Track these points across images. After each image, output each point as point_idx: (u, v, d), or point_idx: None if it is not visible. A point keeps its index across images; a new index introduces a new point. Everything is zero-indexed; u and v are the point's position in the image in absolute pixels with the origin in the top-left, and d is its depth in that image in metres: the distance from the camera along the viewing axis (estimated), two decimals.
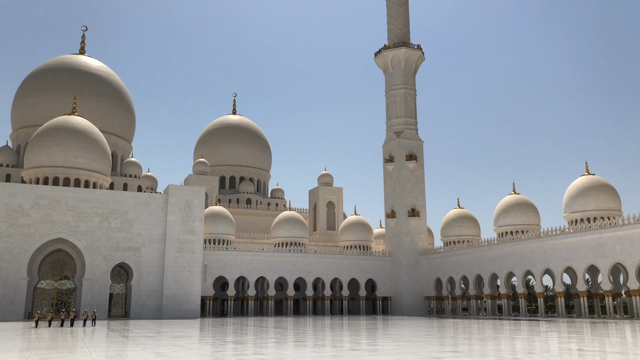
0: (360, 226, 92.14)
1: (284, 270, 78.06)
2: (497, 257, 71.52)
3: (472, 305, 77.99)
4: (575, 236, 62.37)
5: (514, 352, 15.41)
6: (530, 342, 19.97)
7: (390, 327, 35.28)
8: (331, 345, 17.51)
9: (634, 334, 26.62)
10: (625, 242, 57.34)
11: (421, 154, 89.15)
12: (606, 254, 59.27)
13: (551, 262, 64.70)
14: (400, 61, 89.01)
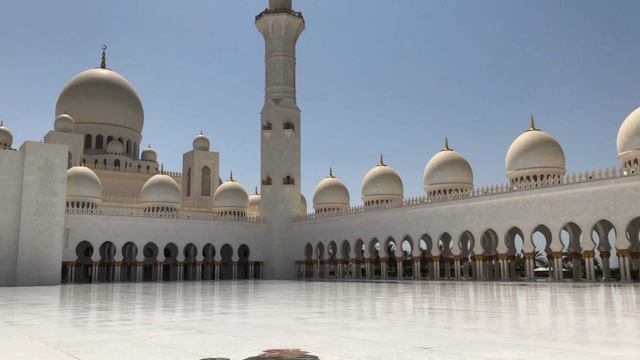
0: (236, 192, 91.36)
1: (154, 236, 75.28)
2: (363, 224, 74.99)
3: (338, 269, 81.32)
4: (433, 206, 67.11)
5: (374, 311, 16.37)
6: (389, 302, 21.38)
7: (260, 291, 35.83)
8: (201, 310, 17.36)
9: (475, 293, 29.61)
10: (474, 212, 62.92)
11: (298, 122, 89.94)
12: (457, 223, 64.64)
13: (411, 230, 69.26)
14: (281, 27, 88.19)
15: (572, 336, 9.98)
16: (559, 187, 55.45)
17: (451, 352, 7.44)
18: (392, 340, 8.81)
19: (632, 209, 50.09)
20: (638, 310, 17.31)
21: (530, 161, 63.14)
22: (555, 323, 12.87)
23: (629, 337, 9.81)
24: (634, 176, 50.25)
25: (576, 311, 16.59)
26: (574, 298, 24.05)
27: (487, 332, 10.45)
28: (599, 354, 7.43)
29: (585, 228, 53.36)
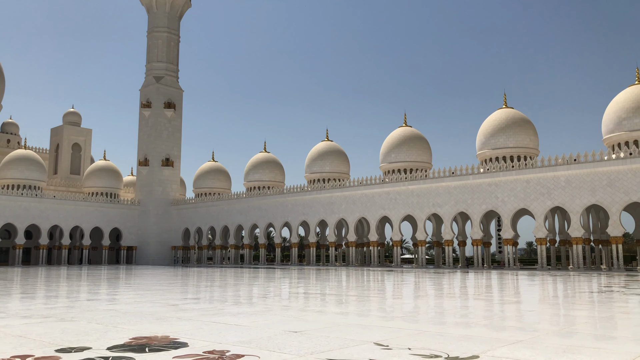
0: (109, 172, 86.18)
1: (13, 216, 68.79)
2: (244, 210, 74.52)
3: (217, 254, 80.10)
4: (312, 194, 68.40)
5: (250, 297, 16.31)
6: (265, 287, 21.45)
7: (132, 276, 34.18)
8: (65, 297, 16.12)
9: (347, 278, 30.74)
10: (349, 201, 65.10)
11: (180, 103, 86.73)
12: (334, 211, 66.51)
13: (290, 216, 70.06)
14: (166, 3, 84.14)
15: (431, 318, 10.66)
16: (426, 180, 59.16)
17: (319, 335, 7.58)
18: (265, 325, 8.80)
19: (486, 202, 54.86)
20: (487, 294, 19.00)
21: (402, 155, 66.74)
22: (417, 306, 13.69)
23: (478, 318, 10.69)
24: (489, 173, 55.00)
25: (435, 295, 17.80)
26: (434, 283, 25.84)
27: (355, 316, 10.83)
28: (452, 333, 8.00)
29: (447, 219, 57.56)
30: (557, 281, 28.14)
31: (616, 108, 53.03)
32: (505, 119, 59.99)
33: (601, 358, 6.09)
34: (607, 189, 47.61)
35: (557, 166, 50.51)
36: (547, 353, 6.34)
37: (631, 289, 20.91)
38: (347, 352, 6.29)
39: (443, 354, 6.12)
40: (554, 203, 50.72)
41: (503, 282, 26.97)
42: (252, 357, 5.97)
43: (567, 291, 20.08)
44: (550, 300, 16.16)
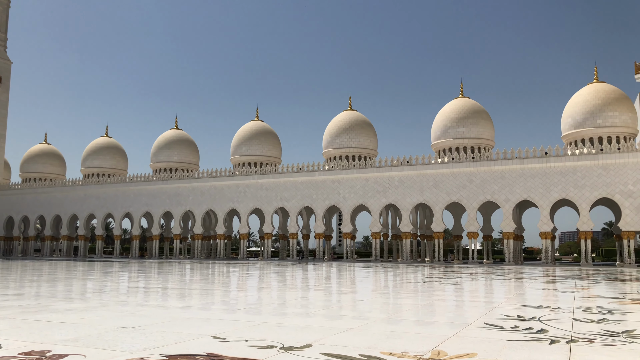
0: None
1: None
2: (81, 199, 69.01)
3: (46, 246, 73.17)
4: (158, 184, 65.63)
5: (83, 292, 15.13)
6: (101, 281, 20.06)
7: None
8: None
9: (192, 271, 30.02)
10: (197, 192, 63.68)
11: (8, 76, 77.35)
12: (180, 202, 64.55)
13: (132, 207, 66.41)
14: None
15: (273, 309, 10.84)
16: (275, 175, 60.07)
17: (155, 330, 7.28)
18: (96, 321, 8.21)
19: (329, 198, 57.33)
20: (326, 285, 19.87)
21: (253, 149, 66.93)
22: (260, 298, 13.83)
23: (316, 308, 11.12)
24: (333, 170, 57.55)
25: (278, 287, 18.15)
26: (278, 275, 26.34)
27: (197, 309, 10.60)
28: (290, 324, 8.21)
29: (293, 213, 59.06)
30: (388, 272, 30.40)
31: (443, 117, 58.80)
32: (350, 120, 63.22)
33: (417, 341, 6.70)
34: (433, 190, 52.63)
35: (393, 167, 54.57)
36: (373, 339, 6.80)
37: (447, 279, 23.36)
38: (182, 346, 6.12)
39: (278, 344, 6.25)
40: (388, 200, 54.71)
41: (341, 274, 28.42)
42: (77, 356, 5.52)
43: (396, 281, 21.80)
44: (381, 290, 17.40)
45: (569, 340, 6.71)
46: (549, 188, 48.36)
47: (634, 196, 45.42)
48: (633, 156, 45.86)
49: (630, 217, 45.46)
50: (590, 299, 13.73)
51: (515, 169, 49.98)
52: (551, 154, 48.86)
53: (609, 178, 46.61)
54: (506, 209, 49.62)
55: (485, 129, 57.45)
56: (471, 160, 51.72)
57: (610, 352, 6.01)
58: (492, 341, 6.69)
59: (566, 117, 52.90)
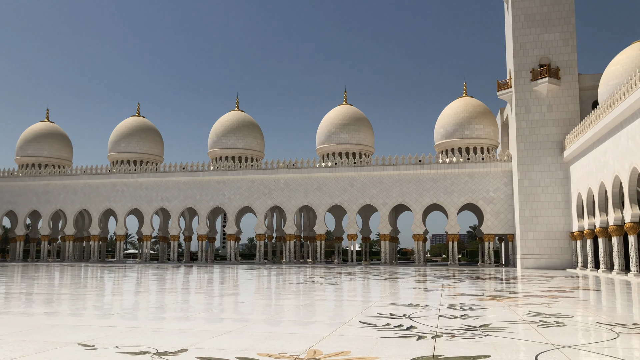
0: None
1: None
2: None
3: None
4: (24, 180, 60.26)
5: None
6: None
7: None
8: None
9: (62, 274, 27.83)
10: (70, 190, 59.29)
11: None
12: (50, 201, 59.71)
13: None
14: None
15: (150, 314, 10.39)
16: (156, 174, 57.68)
17: (12, 340, 6.66)
18: None
19: (213, 199, 56.28)
20: (208, 287, 19.47)
21: (133, 146, 63.58)
22: (137, 302, 13.20)
23: (196, 311, 10.85)
24: (218, 171, 56.63)
25: (157, 290, 17.44)
26: (157, 278, 25.30)
27: (65, 316, 9.86)
28: (167, 328, 7.94)
29: (175, 214, 57.10)
30: (271, 274, 30.51)
31: (327, 123, 60.36)
32: (237, 121, 62.54)
33: (295, 341, 6.81)
34: (317, 192, 53.78)
35: (279, 169, 54.90)
36: (251, 341, 6.79)
37: (328, 280, 23.99)
38: (44, 356, 5.66)
39: (152, 350, 6.01)
40: (274, 202, 54.93)
41: (224, 276, 28.00)
42: None
43: (279, 282, 21.95)
44: (263, 292, 17.41)
45: (434, 336, 7.22)
46: (422, 193, 51.66)
47: (494, 202, 50.05)
48: (494, 166, 50.56)
49: (490, 222, 49.99)
50: (455, 296, 14.86)
51: (392, 174, 52.73)
52: (424, 161, 52.25)
53: (473, 185, 50.92)
54: (383, 212, 52.11)
55: (366, 135, 59.89)
56: (352, 165, 53.65)
57: (469, 345, 6.56)
58: (365, 339, 7.00)
59: (438, 128, 56.85)
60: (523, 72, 46.55)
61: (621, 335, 7.64)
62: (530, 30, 46.89)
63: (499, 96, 49.24)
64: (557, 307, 11.67)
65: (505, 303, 12.57)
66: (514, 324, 8.57)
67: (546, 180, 44.89)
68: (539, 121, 45.65)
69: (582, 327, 8.62)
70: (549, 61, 46.09)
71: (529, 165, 45.39)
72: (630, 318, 10.24)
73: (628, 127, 28.99)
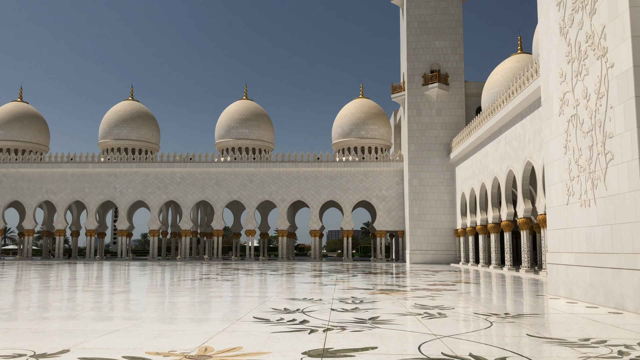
0: None
1: None
2: None
3: None
4: None
5: None
6: None
7: None
8: None
9: None
10: None
11: None
12: None
13: None
14: None
15: (30, 314, 9.64)
16: (40, 164, 53.53)
17: None
18: None
19: (104, 192, 53.29)
20: (97, 285, 18.41)
21: (12, 134, 58.29)
22: (16, 302, 12.18)
23: (82, 310, 10.23)
24: (109, 163, 53.71)
25: (40, 289, 16.20)
26: (40, 276, 23.48)
27: None
28: (49, 329, 7.42)
29: (61, 207, 53.31)
30: (165, 270, 29.50)
31: (227, 117, 59.41)
32: (130, 111, 59.54)
33: (186, 338, 6.66)
34: (215, 188, 52.79)
35: (175, 163, 53.15)
36: (139, 339, 6.54)
37: (224, 276, 23.69)
38: None
39: (29, 352, 5.59)
40: (169, 197, 53.08)
41: (114, 273, 26.62)
42: None
43: (173, 279, 21.29)
44: (156, 289, 16.80)
45: (326, 329, 7.41)
46: (319, 190, 52.64)
47: (387, 200, 52.25)
48: (387, 165, 52.79)
49: (383, 218, 52.13)
50: (347, 290, 15.33)
51: (291, 171, 53.15)
52: (322, 159, 53.27)
53: (368, 183, 52.81)
54: (282, 208, 52.38)
55: (266, 131, 59.75)
56: (252, 161, 53.30)
57: (358, 337, 6.82)
58: (258, 334, 7.02)
59: (336, 127, 58.22)
60: (415, 77, 49.00)
61: (494, 324, 8.35)
62: (423, 37, 49.45)
63: (392, 99, 51.42)
64: (441, 299, 12.47)
65: (394, 296, 13.19)
66: (401, 316, 9.03)
67: (434, 180, 47.67)
68: (429, 124, 48.33)
69: (462, 317, 9.29)
70: (439, 67, 48.93)
71: (419, 166, 47.93)
72: (503, 308, 11.21)
73: (506, 133, 31.61)
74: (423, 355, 5.73)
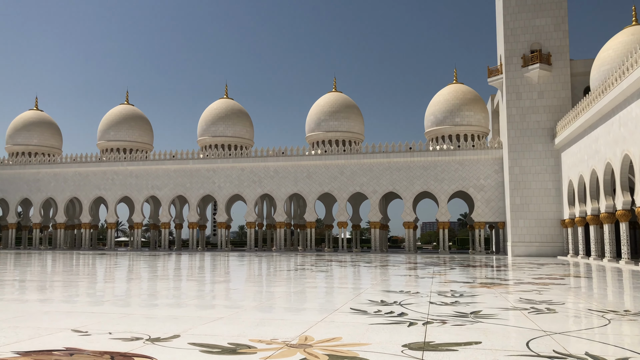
0: None
1: None
2: None
3: None
4: (14, 169, 59.73)
5: None
6: None
7: None
8: None
9: (54, 262, 27.72)
10: (60, 179, 58.87)
11: None
12: (41, 189, 59.27)
13: None
14: None
15: (142, 301, 10.38)
16: (146, 162, 57.36)
17: (7, 326, 6.64)
18: None
19: (203, 187, 56.13)
20: (199, 275, 19.48)
21: (122, 134, 63.09)
22: (129, 289, 13.18)
23: (188, 298, 10.86)
24: (208, 159, 56.43)
25: (149, 278, 17.42)
26: (149, 266, 25.27)
27: (58, 302, 9.83)
28: (159, 315, 7.94)
29: (165, 202, 56.91)
30: (262, 261, 30.57)
31: (317, 111, 60.14)
32: (225, 109, 62.17)
33: (286, 327, 6.84)
34: (307, 180, 53.76)
35: (268, 157, 54.77)
36: (242, 327, 6.81)
37: (319, 267, 24.09)
38: (38, 342, 5.64)
39: (144, 336, 6.01)
40: (263, 190, 54.85)
41: (215, 263, 28.02)
42: None
43: (270, 270, 22.00)
44: (254, 279, 17.45)
45: (425, 322, 7.28)
46: (412, 181, 51.79)
47: (485, 190, 50.30)
48: (484, 153, 50.73)
49: (481, 209, 50.25)
50: (445, 283, 14.98)
51: (383, 162, 52.75)
52: (415, 149, 52.30)
53: (464, 173, 51.10)
54: (373, 200, 52.23)
55: (355, 123, 59.76)
56: (342, 153, 53.59)
57: (459, 332, 6.62)
58: (356, 325, 7.04)
59: (429, 115, 56.88)
60: (514, 58, 46.58)
61: (612, 322, 7.75)
62: (521, 15, 46.84)
63: (489, 83, 49.30)
64: (548, 294, 11.80)
65: (496, 290, 12.68)
66: (505, 311, 8.66)
67: (537, 167, 45.16)
68: (530, 108, 45.80)
69: (573, 313, 8.73)
70: (540, 47, 46.12)
71: (520, 153, 45.61)
72: (621, 305, 10.38)
73: (620, 114, 29.17)
74: (532, 352, 5.44)
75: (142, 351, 5.24)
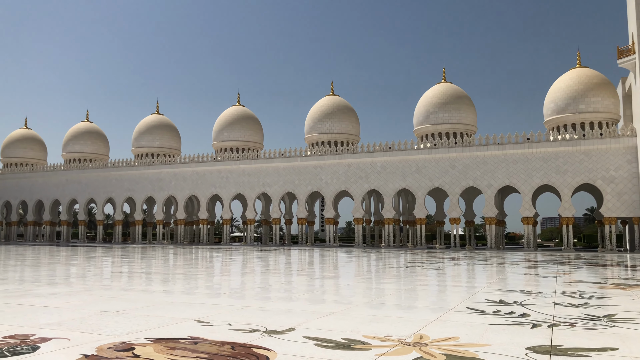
0: None
1: None
2: (62, 184, 68.24)
3: (29, 231, 72.45)
4: (139, 169, 65.04)
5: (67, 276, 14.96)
6: (85, 266, 19.87)
7: None
8: None
9: (175, 256, 29.89)
10: (180, 178, 63.28)
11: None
12: (163, 187, 64.10)
13: (114, 192, 65.85)
14: None
15: (256, 294, 10.83)
16: (257, 160, 59.85)
17: (139, 315, 7.24)
18: (79, 306, 8.13)
19: (311, 184, 57.35)
20: (309, 270, 19.93)
21: (235, 134, 66.44)
22: (244, 283, 13.82)
23: (299, 292, 11.14)
24: (315, 156, 57.53)
25: (262, 272, 18.15)
26: (261, 260, 26.35)
27: (180, 294, 10.56)
28: (273, 308, 8.22)
29: (275, 198, 58.99)
30: (370, 257, 30.59)
31: (425, 103, 58.88)
32: (332, 106, 63.00)
33: (400, 325, 6.75)
34: (415, 175, 52.88)
35: (375, 152, 54.64)
36: (355, 323, 6.83)
37: (430, 264, 23.59)
38: (166, 330, 6.09)
39: (261, 328, 6.25)
40: (370, 186, 54.86)
41: (324, 259, 28.53)
42: (61, 340, 5.47)
43: (379, 266, 21.94)
44: (364, 275, 17.50)
45: (551, 325, 6.81)
46: (531, 174, 48.89)
47: (616, 182, 46.12)
48: (615, 142, 46.48)
49: (612, 203, 46.17)
50: (571, 283, 13.96)
51: (497, 154, 50.37)
52: (533, 139, 49.31)
53: (590, 164, 47.24)
54: (488, 194, 50.11)
55: (467, 114, 57.67)
56: (453, 145, 52.01)
57: (592, 336, 6.12)
58: (473, 325, 6.77)
59: (548, 103, 53.33)
60: None
61: None
62: None
63: (619, 64, 45.18)
64: None
65: (633, 292, 11.58)
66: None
67: None
68: None
69: None
70: None
71: None
72: None
73: None
74: None
75: (260, 342, 5.45)
